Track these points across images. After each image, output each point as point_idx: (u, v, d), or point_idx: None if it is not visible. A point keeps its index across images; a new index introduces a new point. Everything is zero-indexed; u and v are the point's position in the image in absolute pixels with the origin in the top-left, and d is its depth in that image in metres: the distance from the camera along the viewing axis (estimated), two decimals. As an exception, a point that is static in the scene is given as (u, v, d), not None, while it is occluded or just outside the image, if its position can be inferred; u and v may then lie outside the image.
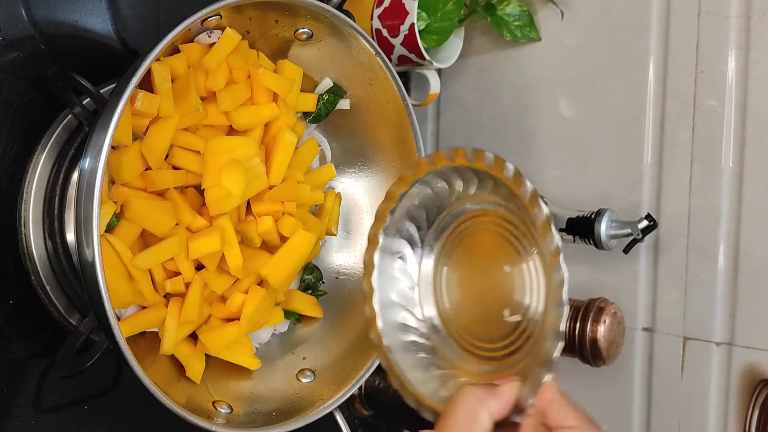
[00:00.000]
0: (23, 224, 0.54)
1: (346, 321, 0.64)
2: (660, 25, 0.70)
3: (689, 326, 0.69)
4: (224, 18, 0.54)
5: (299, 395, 0.59)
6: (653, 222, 0.65)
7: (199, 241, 0.54)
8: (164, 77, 0.52)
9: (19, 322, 0.55)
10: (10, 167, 0.54)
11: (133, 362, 0.46)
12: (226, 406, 0.55)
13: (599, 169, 0.74)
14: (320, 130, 0.66)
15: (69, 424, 0.58)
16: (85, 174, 0.46)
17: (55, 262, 0.55)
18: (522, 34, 0.76)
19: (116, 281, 0.50)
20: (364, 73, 0.61)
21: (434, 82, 0.77)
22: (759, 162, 0.65)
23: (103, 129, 0.45)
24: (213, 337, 0.56)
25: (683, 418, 0.70)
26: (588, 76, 0.74)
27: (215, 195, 0.54)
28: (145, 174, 0.53)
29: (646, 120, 0.71)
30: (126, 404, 0.61)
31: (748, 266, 0.66)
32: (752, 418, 0.65)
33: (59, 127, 0.55)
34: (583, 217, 0.67)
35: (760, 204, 0.65)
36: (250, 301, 0.57)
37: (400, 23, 0.72)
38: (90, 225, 0.44)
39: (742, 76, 0.66)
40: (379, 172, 0.66)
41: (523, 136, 0.79)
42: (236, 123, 0.56)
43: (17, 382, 0.55)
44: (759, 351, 0.66)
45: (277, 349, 0.63)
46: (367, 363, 0.59)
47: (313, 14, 0.56)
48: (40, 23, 0.54)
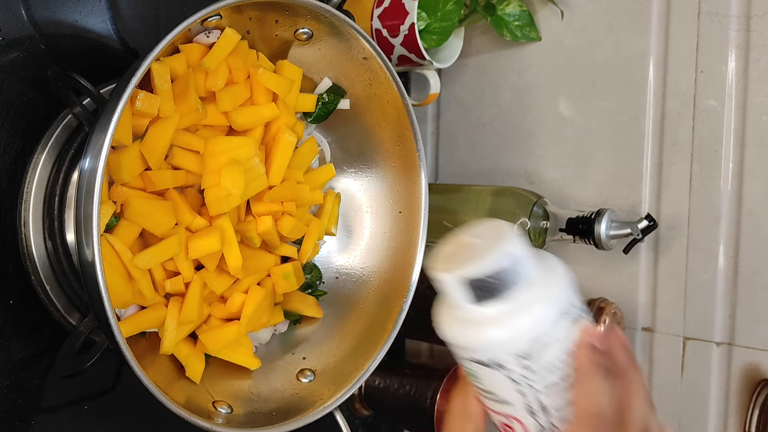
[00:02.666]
0: (23, 224, 0.54)
1: (346, 321, 0.64)
2: (660, 25, 0.70)
3: (689, 326, 0.69)
4: (224, 18, 0.54)
5: (299, 395, 0.59)
6: (653, 222, 0.65)
7: (199, 241, 0.54)
8: (164, 77, 0.52)
9: (19, 322, 0.55)
10: (10, 167, 0.54)
11: (133, 362, 0.46)
12: (226, 406, 0.55)
13: (599, 169, 0.74)
14: (320, 130, 0.66)
15: (69, 424, 0.58)
16: (85, 174, 0.46)
17: (55, 262, 0.55)
18: (522, 34, 0.76)
19: (116, 281, 0.50)
20: (364, 73, 0.61)
21: (434, 82, 0.77)
22: (759, 162, 0.65)
23: (103, 129, 0.45)
24: (213, 337, 0.56)
25: (683, 418, 0.70)
26: (588, 76, 0.74)
27: (215, 195, 0.54)
28: (145, 174, 0.53)
29: (646, 120, 0.71)
30: (126, 404, 0.61)
31: (748, 266, 0.66)
32: (752, 418, 0.65)
33: (59, 127, 0.55)
34: (583, 217, 0.67)
35: (760, 204, 0.65)
36: (250, 301, 0.57)
37: (400, 23, 0.72)
38: (90, 225, 0.44)
39: (742, 76, 0.66)
40: (378, 172, 0.66)
41: (523, 136, 0.79)
42: (236, 123, 0.56)
43: (17, 382, 0.55)
44: (759, 351, 0.66)
45: (277, 349, 0.63)
46: (367, 363, 0.59)
47: (313, 14, 0.56)
48: (40, 23, 0.54)
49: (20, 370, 0.55)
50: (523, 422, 0.41)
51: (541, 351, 0.39)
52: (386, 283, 0.64)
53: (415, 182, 0.63)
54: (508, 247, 0.38)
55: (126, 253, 0.51)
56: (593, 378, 0.39)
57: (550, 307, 0.39)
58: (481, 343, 0.39)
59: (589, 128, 0.74)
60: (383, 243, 0.66)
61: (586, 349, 0.39)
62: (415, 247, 0.63)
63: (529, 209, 0.69)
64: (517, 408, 0.41)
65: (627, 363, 0.41)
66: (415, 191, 0.63)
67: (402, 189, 0.64)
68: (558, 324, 0.39)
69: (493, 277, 0.38)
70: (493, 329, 0.38)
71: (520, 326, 0.38)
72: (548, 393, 0.40)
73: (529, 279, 0.39)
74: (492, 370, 0.40)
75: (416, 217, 0.63)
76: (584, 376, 0.39)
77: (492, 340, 0.39)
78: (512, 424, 0.42)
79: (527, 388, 0.40)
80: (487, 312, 0.39)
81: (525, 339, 0.38)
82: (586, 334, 0.39)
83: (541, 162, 0.77)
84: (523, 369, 0.39)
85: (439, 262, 0.40)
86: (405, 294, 0.62)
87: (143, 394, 0.47)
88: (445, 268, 0.39)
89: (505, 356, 0.39)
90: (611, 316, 0.65)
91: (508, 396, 0.41)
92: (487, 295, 0.38)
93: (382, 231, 0.66)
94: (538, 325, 0.38)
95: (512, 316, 0.38)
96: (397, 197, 0.65)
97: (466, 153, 0.83)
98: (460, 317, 0.39)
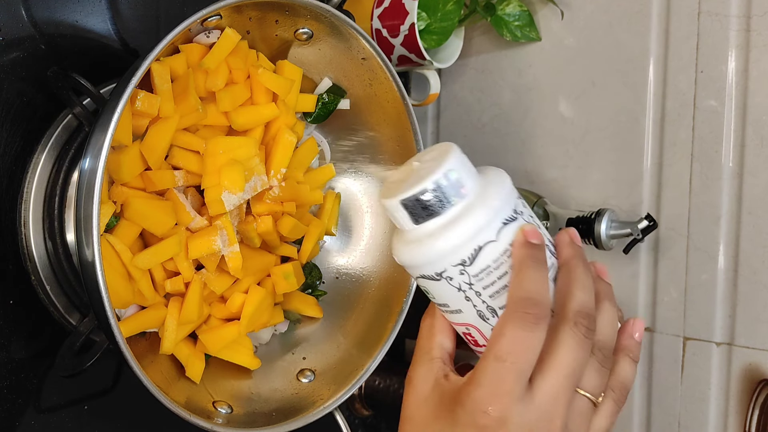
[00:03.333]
0: (23, 224, 0.54)
1: (346, 321, 0.64)
2: (660, 25, 0.70)
3: (689, 326, 0.69)
4: (224, 18, 0.54)
5: (299, 395, 0.59)
6: (653, 222, 0.65)
7: (199, 241, 0.54)
8: (164, 77, 0.52)
9: (19, 322, 0.55)
10: (10, 167, 0.54)
11: (133, 362, 0.46)
12: (226, 406, 0.55)
13: (599, 169, 0.74)
14: (320, 130, 0.66)
15: (69, 424, 0.58)
16: (85, 174, 0.46)
17: (55, 262, 0.55)
18: (522, 34, 0.76)
19: (116, 281, 0.50)
20: (364, 73, 0.61)
21: (434, 82, 0.77)
22: (759, 162, 0.65)
23: (103, 129, 0.45)
24: (213, 337, 0.56)
25: (683, 418, 0.70)
26: (588, 76, 0.74)
27: (215, 195, 0.54)
28: (145, 174, 0.53)
29: (646, 120, 0.71)
30: (126, 404, 0.61)
31: (748, 266, 0.66)
32: (752, 418, 0.65)
33: (59, 127, 0.55)
34: (583, 217, 0.67)
35: (760, 204, 0.65)
36: (250, 301, 0.57)
37: (400, 23, 0.72)
38: (90, 225, 0.44)
39: (742, 76, 0.66)
40: (379, 172, 0.66)
41: (523, 136, 0.79)
42: (236, 123, 0.56)
43: (17, 382, 0.55)
44: (759, 351, 0.66)
45: (277, 349, 0.63)
46: (367, 363, 0.59)
47: (313, 14, 0.56)
48: (40, 23, 0.54)
49: (20, 370, 0.55)
50: (477, 327, 0.44)
51: (479, 256, 0.41)
52: (386, 283, 0.64)
53: (415, 182, 0.63)
54: (446, 166, 0.41)
55: (126, 253, 0.51)
56: (526, 268, 0.41)
57: (485, 215, 0.41)
58: (423, 257, 0.42)
59: (589, 128, 0.74)
60: (383, 243, 0.66)
61: (522, 246, 0.42)
62: (415, 247, 0.63)
63: (529, 209, 0.69)
64: (468, 314, 0.44)
65: (570, 256, 0.45)
66: (415, 191, 0.63)
67: (402, 189, 0.64)
68: (499, 230, 0.42)
69: (430, 197, 0.41)
70: (430, 243, 0.41)
71: (454, 236, 0.41)
72: (493, 295, 0.43)
73: (467, 193, 0.41)
74: (439, 283, 0.43)
75: (416, 217, 0.63)
76: (517, 268, 0.42)
77: (431, 254, 0.42)
78: (470, 331, 0.45)
79: (472, 293, 0.43)
80: (426, 228, 0.42)
81: (462, 247, 0.41)
82: (522, 233, 0.42)
83: (541, 162, 0.77)
84: (464, 275, 0.42)
85: (384, 189, 0.43)
86: (405, 294, 0.62)
87: (143, 394, 0.47)
88: (387, 195, 0.42)
89: (446, 266, 0.42)
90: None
91: (458, 305, 0.44)
92: (426, 214, 0.41)
93: (382, 231, 0.66)
94: (472, 233, 0.41)
95: (447, 228, 0.41)
96: (397, 197, 0.65)
97: (466, 153, 0.83)
98: (406, 239, 0.43)
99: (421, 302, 0.52)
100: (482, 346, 0.44)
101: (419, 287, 0.46)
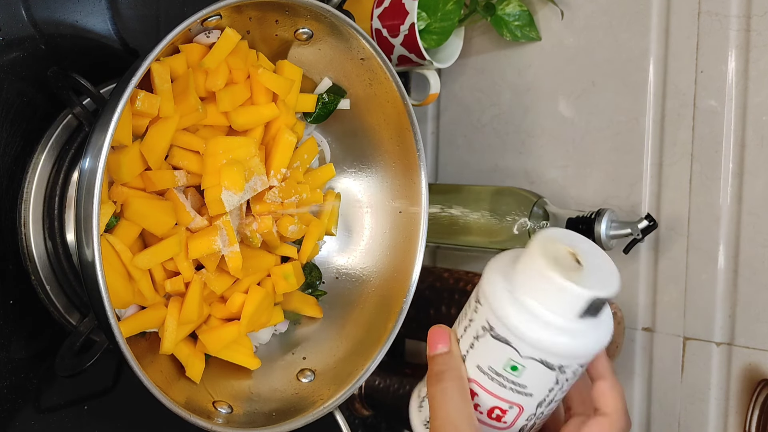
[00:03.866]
0: (23, 224, 0.54)
1: (346, 321, 0.64)
2: (660, 25, 0.70)
3: (689, 326, 0.69)
4: (224, 18, 0.54)
5: (299, 395, 0.59)
6: (653, 222, 0.65)
7: (199, 241, 0.54)
8: (164, 77, 0.52)
9: (19, 322, 0.55)
10: (10, 167, 0.54)
11: (133, 362, 0.46)
12: (226, 406, 0.55)
13: (599, 169, 0.74)
14: (320, 130, 0.66)
15: (69, 424, 0.58)
16: (85, 174, 0.46)
17: (55, 262, 0.55)
18: (522, 34, 0.76)
19: (116, 281, 0.50)
20: (364, 73, 0.61)
21: (434, 82, 0.77)
22: (759, 162, 0.65)
23: (103, 129, 0.45)
24: (213, 337, 0.56)
25: (683, 418, 0.70)
26: (588, 76, 0.74)
27: (215, 195, 0.54)
28: (145, 174, 0.53)
29: (646, 120, 0.71)
30: (126, 404, 0.61)
31: (748, 266, 0.66)
32: (752, 418, 0.65)
33: (59, 127, 0.55)
34: (583, 217, 0.67)
35: (760, 204, 0.65)
36: (250, 301, 0.57)
37: (400, 23, 0.72)
38: (90, 225, 0.44)
39: (742, 76, 0.66)
40: (379, 172, 0.66)
41: (523, 136, 0.79)
42: (236, 123, 0.56)
43: (17, 382, 0.55)
44: (759, 351, 0.66)
45: (277, 349, 0.63)
46: (367, 363, 0.59)
47: (313, 14, 0.56)
48: (40, 23, 0.54)
49: (20, 370, 0.55)
50: (524, 408, 0.44)
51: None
52: (386, 283, 0.64)
53: (415, 182, 0.63)
54: (618, 284, 0.41)
55: (126, 253, 0.51)
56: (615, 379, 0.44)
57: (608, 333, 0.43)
58: (568, 350, 0.41)
59: (589, 128, 0.74)
60: (383, 243, 0.66)
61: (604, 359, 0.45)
62: (415, 247, 0.63)
63: (529, 209, 0.69)
64: (534, 399, 0.43)
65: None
66: (415, 191, 0.63)
67: (402, 189, 0.64)
68: None
69: (605, 301, 0.41)
70: (584, 341, 0.41)
71: (601, 342, 0.42)
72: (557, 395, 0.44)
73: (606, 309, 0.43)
74: (548, 370, 0.42)
75: (416, 217, 0.63)
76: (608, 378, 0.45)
77: (579, 350, 0.42)
78: (509, 408, 0.44)
79: (559, 388, 0.43)
80: (584, 327, 0.41)
81: (595, 352, 0.42)
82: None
83: (541, 162, 0.77)
84: (574, 375, 0.43)
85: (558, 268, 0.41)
86: (405, 294, 0.62)
87: (143, 394, 0.47)
88: (572, 279, 0.40)
89: (574, 364, 0.42)
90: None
91: (537, 390, 0.43)
92: (590, 314, 0.41)
93: (382, 231, 0.66)
94: (604, 343, 0.42)
95: (599, 332, 0.42)
96: (397, 197, 0.65)
97: (466, 153, 0.83)
98: (556, 324, 0.41)
99: (421, 302, 0.52)
100: (505, 422, 0.44)
101: (505, 362, 0.43)
